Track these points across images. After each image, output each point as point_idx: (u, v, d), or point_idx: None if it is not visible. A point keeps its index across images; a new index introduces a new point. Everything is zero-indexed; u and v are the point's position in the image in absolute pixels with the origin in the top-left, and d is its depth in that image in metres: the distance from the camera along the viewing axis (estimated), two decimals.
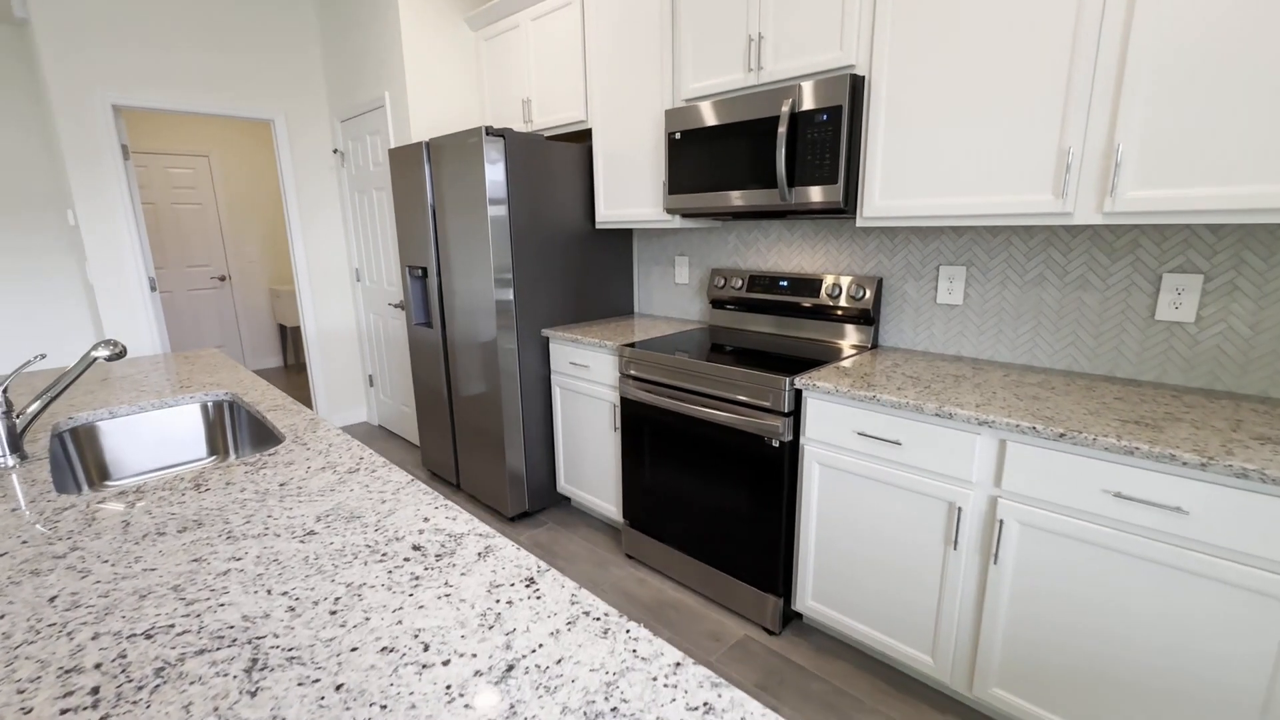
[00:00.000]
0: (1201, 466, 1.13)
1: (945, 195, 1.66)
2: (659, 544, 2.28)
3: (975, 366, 1.84)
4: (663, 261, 2.90)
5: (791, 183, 1.89)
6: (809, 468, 1.79)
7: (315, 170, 3.81)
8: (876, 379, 1.71)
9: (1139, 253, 1.62)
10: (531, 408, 2.68)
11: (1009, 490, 1.40)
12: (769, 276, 2.39)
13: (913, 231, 2.04)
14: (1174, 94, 1.30)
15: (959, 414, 1.44)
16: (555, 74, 2.72)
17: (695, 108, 2.10)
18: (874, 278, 2.11)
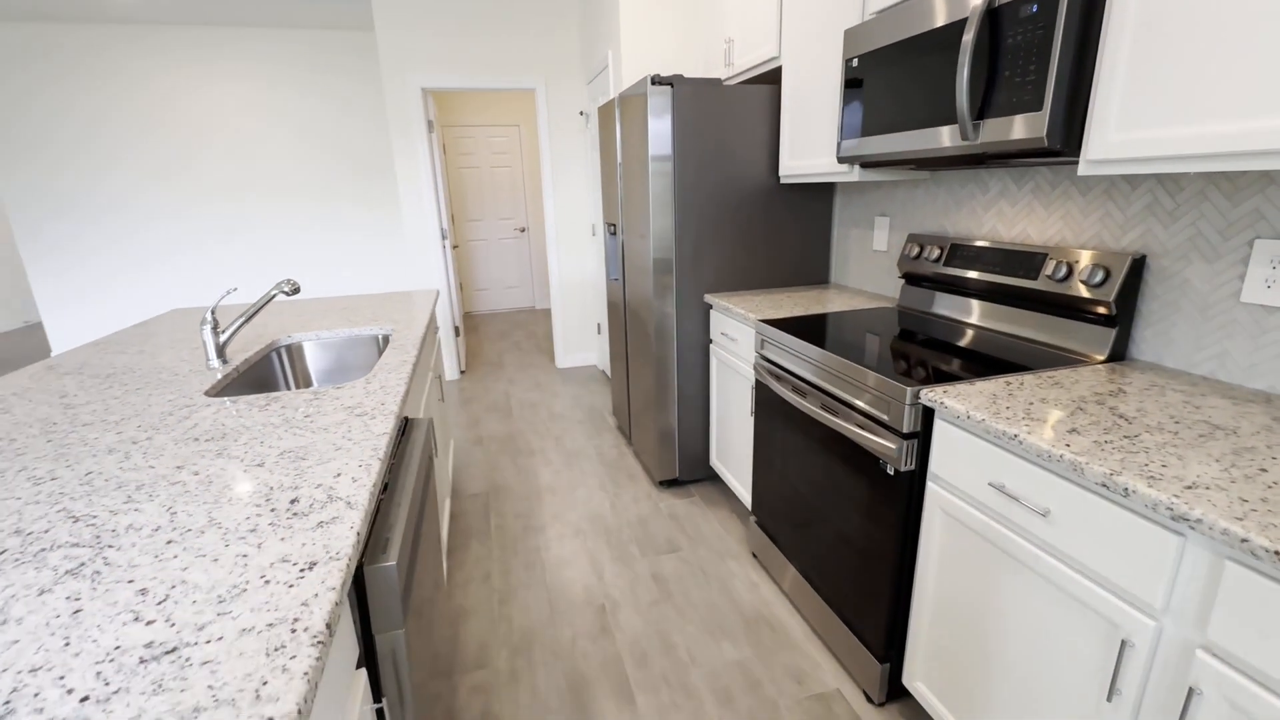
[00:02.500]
0: None
1: (1224, 119, 0.95)
2: (777, 551, 1.98)
3: (1276, 417, 1.07)
4: (862, 224, 2.39)
5: (982, 114, 1.33)
6: (930, 512, 1.31)
7: (567, 131, 4.18)
8: (1048, 410, 1.13)
9: None
10: (689, 375, 2.56)
11: (1217, 643, 0.80)
12: (974, 247, 1.76)
13: (1211, 181, 1.25)
14: None
15: (1142, 493, 0.86)
16: (755, 5, 2.40)
17: (876, 23, 1.62)
18: (1128, 255, 1.37)
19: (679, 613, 1.90)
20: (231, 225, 5.10)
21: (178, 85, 4.74)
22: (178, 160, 4.88)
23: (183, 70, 4.72)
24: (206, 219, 5.05)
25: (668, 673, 1.67)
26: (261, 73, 4.86)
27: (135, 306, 5.09)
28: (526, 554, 2.24)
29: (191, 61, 4.71)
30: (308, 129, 5.06)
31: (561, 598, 1.99)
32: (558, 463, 2.99)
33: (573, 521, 2.45)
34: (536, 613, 1.92)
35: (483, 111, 6.26)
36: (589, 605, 1.95)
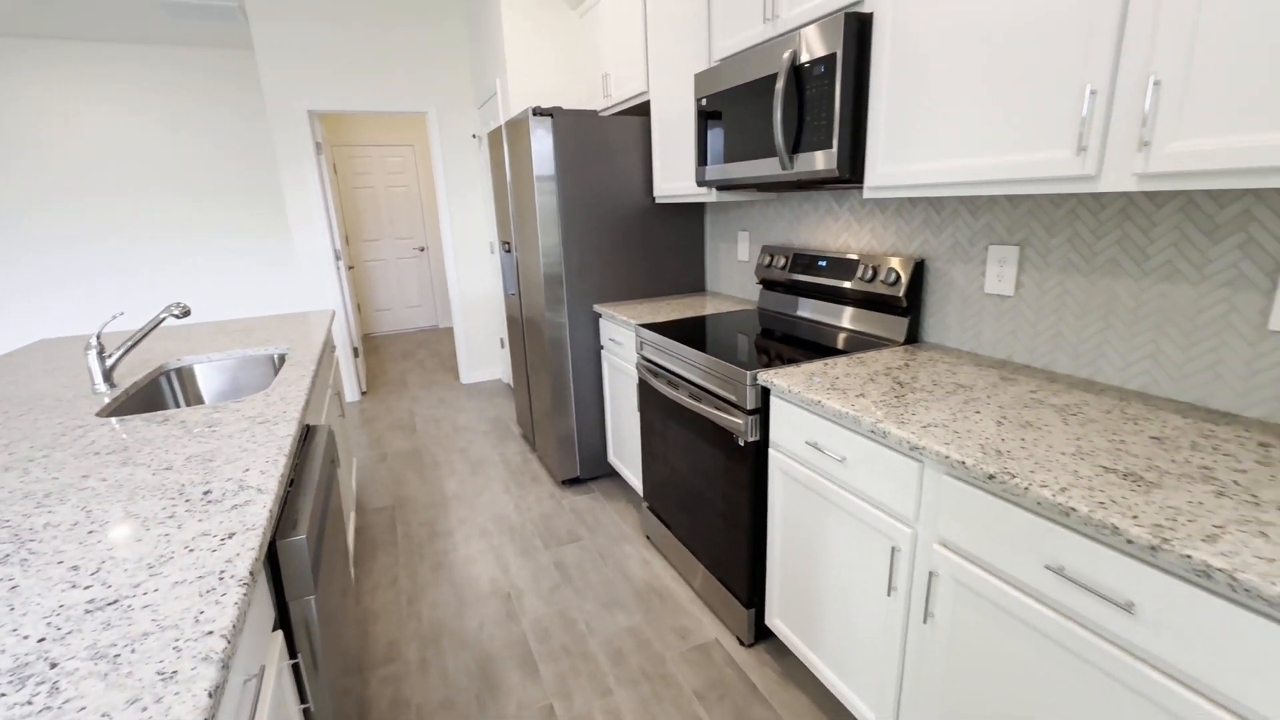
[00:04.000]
0: (1152, 550, 0.78)
1: (954, 156, 1.30)
2: (666, 530, 2.22)
3: (1005, 377, 1.44)
4: (728, 238, 2.72)
5: (796, 149, 1.65)
6: (773, 473, 1.59)
7: (462, 153, 4.30)
8: (850, 382, 1.45)
9: (1252, 229, 1.10)
10: (584, 380, 2.77)
11: (946, 538, 1.10)
12: (810, 256, 2.11)
13: (963, 203, 1.64)
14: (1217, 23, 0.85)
15: (893, 434, 1.16)
16: (626, 46, 2.68)
17: (718, 69, 1.92)
18: (912, 259, 1.74)
19: (578, 593, 2.09)
20: (108, 254, 4.76)
21: (45, 106, 4.39)
22: (49, 187, 4.50)
23: (51, 90, 4.38)
24: (83, 248, 4.68)
25: (568, 644, 1.85)
26: (138, 92, 4.60)
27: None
28: (434, 557, 2.34)
29: (62, 80, 4.39)
30: (189, 152, 4.83)
31: (469, 592, 2.12)
32: (463, 472, 3.09)
33: (479, 524, 2.57)
34: (444, 608, 2.04)
35: (376, 131, 6.21)
36: (495, 595, 2.09)
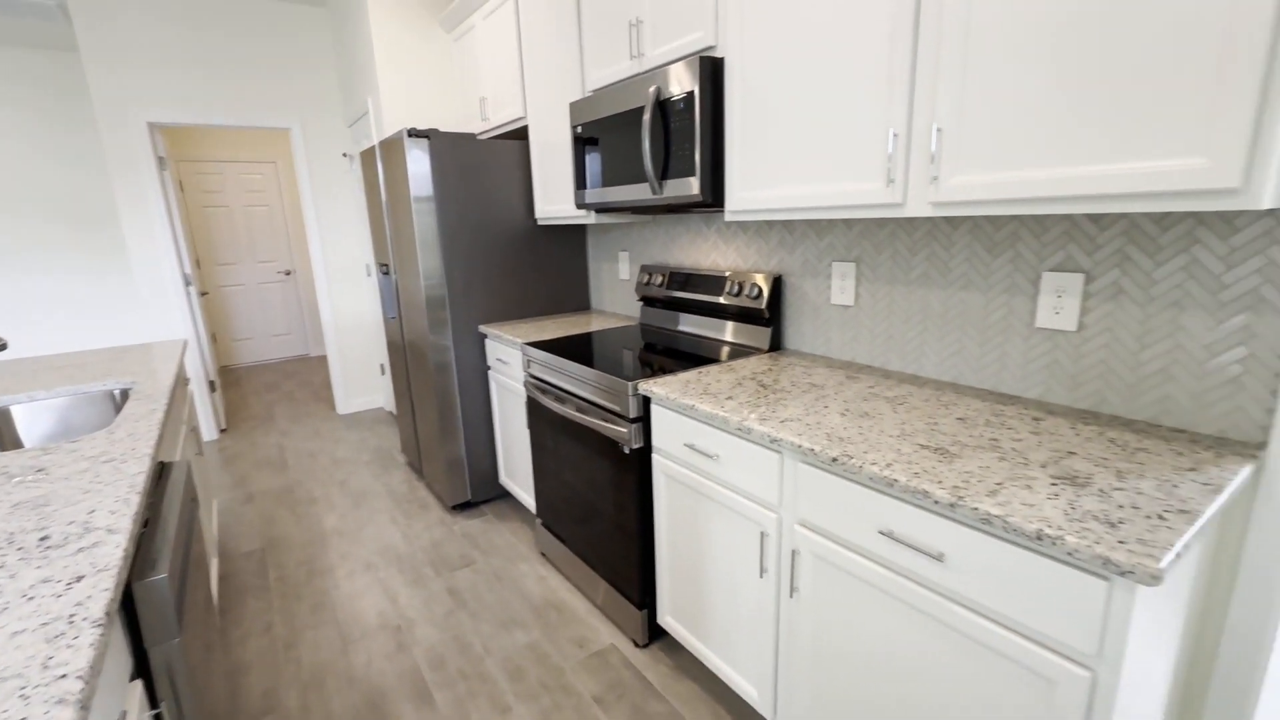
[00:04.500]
0: (951, 507, 0.95)
1: (796, 184, 1.49)
2: (560, 544, 2.26)
3: (850, 375, 1.65)
4: (609, 257, 2.84)
5: (665, 175, 1.79)
6: (657, 477, 1.69)
7: (332, 171, 4.10)
8: (720, 386, 1.58)
9: (1019, 247, 1.37)
10: (472, 402, 2.75)
11: (804, 518, 1.25)
12: (685, 273, 2.27)
13: (810, 225, 1.86)
14: (980, 74, 1.08)
15: (756, 430, 1.30)
16: (502, 72, 2.74)
17: (591, 100, 2.04)
18: (771, 275, 1.94)
19: (473, 616, 2.06)
20: None
21: None
22: None
23: None
24: None
25: (464, 667, 1.82)
26: None
27: None
28: (313, 597, 2.20)
29: None
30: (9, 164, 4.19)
31: (355, 629, 2.02)
32: (344, 506, 2.93)
33: (363, 558, 2.45)
34: (327, 648, 1.93)
35: (232, 147, 5.74)
36: (384, 629, 2.01)
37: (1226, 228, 1.08)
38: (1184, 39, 0.86)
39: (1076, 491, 0.94)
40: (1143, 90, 0.91)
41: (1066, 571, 0.84)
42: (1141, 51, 0.91)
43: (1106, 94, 0.95)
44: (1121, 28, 0.92)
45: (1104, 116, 0.95)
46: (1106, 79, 0.94)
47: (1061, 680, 0.87)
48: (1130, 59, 0.92)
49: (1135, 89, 0.92)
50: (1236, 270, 1.08)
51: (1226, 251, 1.09)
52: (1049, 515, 0.88)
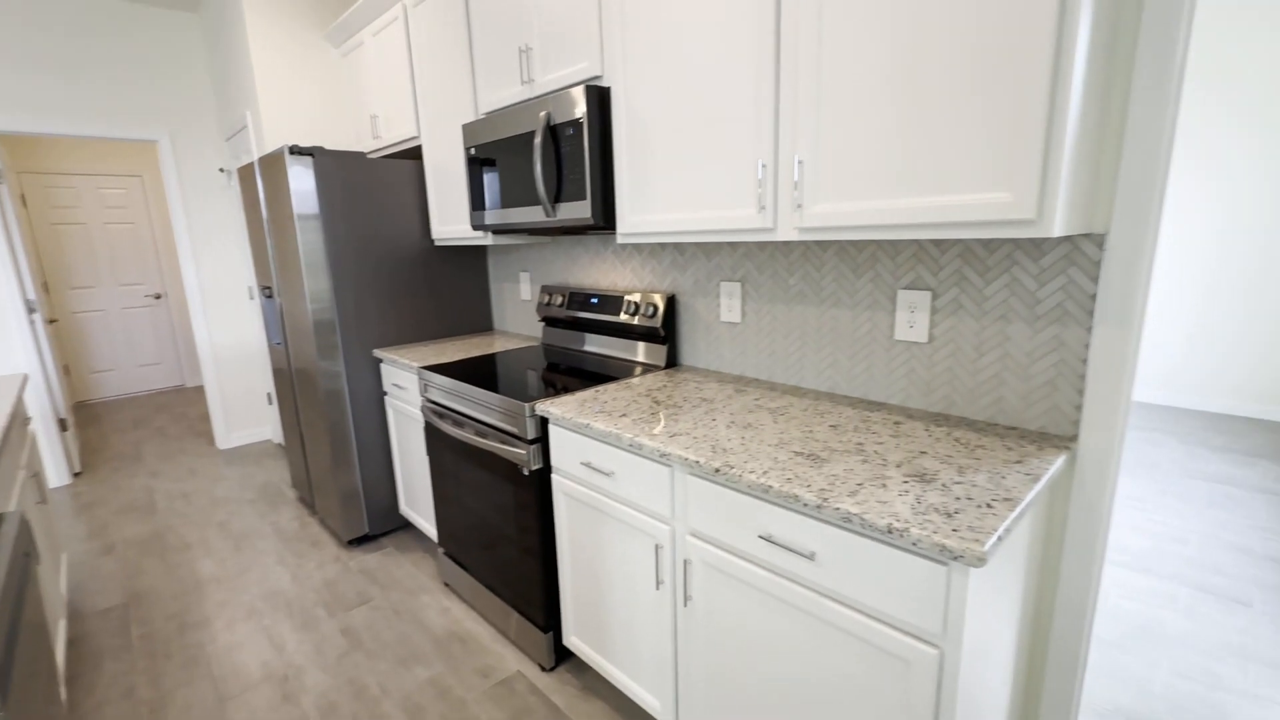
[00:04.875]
0: (818, 508, 1.03)
1: (680, 210, 1.57)
2: (464, 573, 2.19)
3: (739, 389, 1.74)
4: (511, 278, 2.83)
5: (559, 198, 1.82)
6: (558, 497, 1.70)
7: (207, 188, 3.82)
8: (617, 404, 1.62)
9: (878, 268, 1.52)
10: (368, 430, 2.62)
11: (694, 528, 1.30)
12: (585, 294, 2.30)
13: (699, 247, 1.95)
14: (833, 114, 1.21)
15: (647, 445, 1.34)
16: (393, 90, 2.68)
17: (484, 122, 2.04)
18: (666, 294, 2.01)
19: (370, 656, 1.96)
20: None
21: None
22: None
23: None
24: None
25: (358, 712, 1.72)
26: None
27: None
28: (184, 653, 2.00)
29: None
30: None
31: (234, 683, 1.85)
32: (223, 550, 2.69)
33: (246, 604, 2.26)
34: (201, 708, 1.76)
35: (88, 159, 5.19)
36: (268, 680, 1.86)
37: (1036, 251, 1.26)
38: (991, 100, 1.01)
39: (924, 487, 1.05)
40: (962, 136, 1.05)
41: (914, 560, 0.94)
42: (961, 105, 1.04)
43: (935, 138, 1.08)
44: (944, 85, 1.06)
45: (934, 157, 1.09)
46: (935, 125, 1.08)
47: (914, 660, 0.96)
48: (953, 111, 1.05)
49: (957, 135, 1.05)
50: (1046, 288, 1.26)
51: (1038, 271, 1.26)
52: (899, 510, 0.97)
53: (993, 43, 0.99)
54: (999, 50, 0.98)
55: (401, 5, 2.48)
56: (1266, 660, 1.82)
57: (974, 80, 1.02)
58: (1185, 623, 2.01)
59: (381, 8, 2.61)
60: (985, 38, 1.00)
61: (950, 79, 1.04)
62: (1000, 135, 1.00)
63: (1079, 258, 1.21)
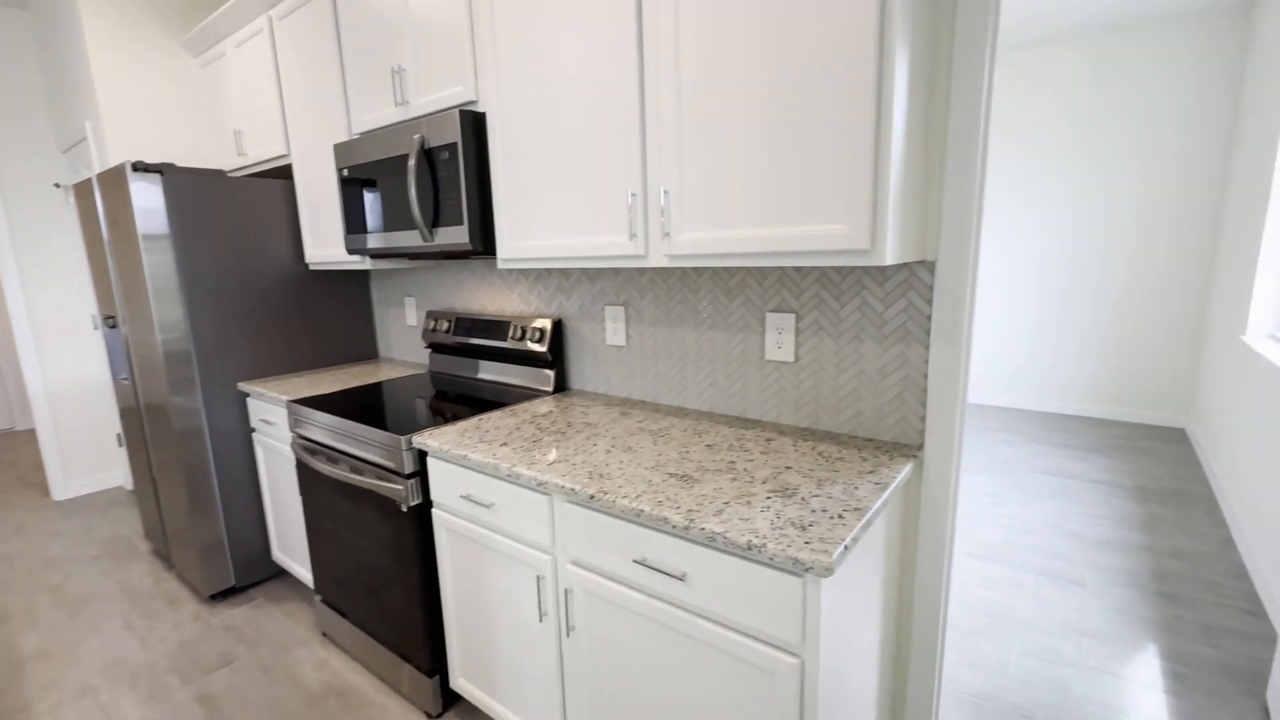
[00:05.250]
0: (685, 529, 1.05)
1: (558, 236, 1.58)
2: (343, 620, 2.04)
3: (624, 412, 1.76)
4: (396, 303, 2.71)
5: (437, 223, 1.77)
6: (439, 534, 1.63)
7: (39, 206, 3.38)
8: (499, 433, 1.59)
9: (748, 292, 1.60)
10: (233, 471, 2.40)
11: (574, 557, 1.29)
12: (471, 319, 2.25)
13: (583, 271, 1.96)
14: (694, 147, 1.27)
15: (524, 474, 1.32)
16: (260, 105, 2.51)
17: (357, 143, 1.95)
18: (552, 319, 2.01)
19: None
20: None
21: None
22: None
23: None
24: None
25: None
26: None
27: None
28: None
29: None
30: None
31: None
32: (54, 619, 2.34)
33: (78, 681, 1.98)
34: None
35: None
36: None
37: (881, 276, 1.37)
38: (829, 144, 1.10)
39: (784, 502, 1.11)
40: (808, 175, 1.13)
41: (773, 574, 0.98)
42: (806, 147, 1.13)
43: (786, 175, 1.16)
44: (791, 129, 1.14)
45: (786, 191, 1.16)
46: (785, 164, 1.15)
47: (778, 670, 1.00)
48: (799, 152, 1.14)
49: (804, 173, 1.13)
50: (891, 309, 1.37)
51: (883, 295, 1.38)
52: (759, 527, 1.01)
53: (826, 95, 1.08)
54: (832, 101, 1.08)
55: (267, 17, 2.34)
56: (1097, 634, 2.06)
57: (815, 127, 1.10)
58: (1032, 606, 2.23)
59: (245, 18, 2.45)
60: (819, 94, 1.09)
61: (796, 125, 1.13)
62: (838, 174, 1.09)
63: (916, 282, 1.33)
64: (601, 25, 1.37)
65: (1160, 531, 2.75)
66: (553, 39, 1.47)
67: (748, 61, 1.16)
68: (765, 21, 1.13)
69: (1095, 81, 4.16)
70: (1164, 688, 1.80)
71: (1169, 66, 3.91)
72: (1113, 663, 1.91)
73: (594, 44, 1.39)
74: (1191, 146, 3.92)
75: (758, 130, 1.17)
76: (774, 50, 1.13)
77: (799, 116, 1.12)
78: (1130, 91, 4.06)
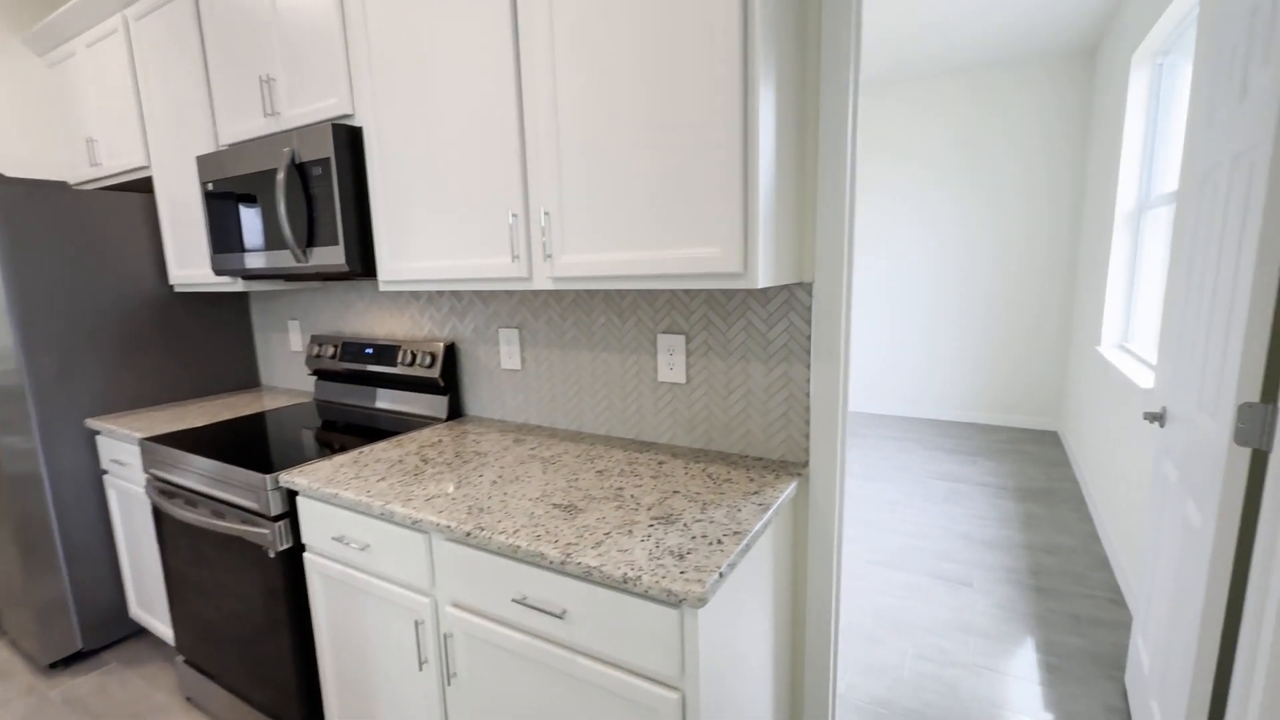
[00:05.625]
0: (562, 564, 1.01)
1: (441, 257, 1.51)
2: (210, 681, 1.83)
3: (519, 439, 1.69)
4: (278, 327, 2.52)
5: (311, 242, 1.65)
6: (312, 581, 1.49)
7: None
8: (378, 467, 1.48)
9: (640, 314, 1.59)
10: (79, 519, 2.12)
11: (454, 598, 1.21)
12: (359, 344, 2.12)
13: (476, 293, 1.89)
14: (574, 168, 1.25)
15: (399, 513, 1.23)
16: (117, 112, 2.28)
17: (224, 155, 1.80)
18: (444, 343, 1.92)
19: None
20: None
21: None
22: None
23: None
24: None
25: None
26: None
27: None
28: None
29: None
30: None
31: None
32: None
33: None
34: None
35: None
36: None
37: (764, 298, 1.40)
38: (704, 174, 1.10)
39: (666, 530, 1.08)
40: (685, 201, 1.13)
41: (649, 606, 0.95)
42: (683, 175, 1.13)
43: (666, 200, 1.15)
44: (669, 157, 1.14)
45: (666, 213, 1.16)
46: (664, 190, 1.15)
47: (659, 706, 0.96)
48: (676, 179, 1.14)
49: (682, 199, 1.13)
50: (774, 330, 1.40)
51: (766, 315, 1.40)
52: (637, 558, 0.98)
53: (699, 124, 1.09)
54: (704, 129, 1.09)
55: (122, 16, 2.14)
56: (982, 631, 2.18)
57: (691, 154, 1.11)
58: (926, 608, 2.33)
59: (97, 16, 2.22)
60: (693, 123, 1.10)
61: (673, 151, 1.13)
62: (712, 199, 1.10)
63: (795, 303, 1.36)
64: (479, 37, 1.33)
65: (1036, 529, 2.97)
66: (428, 50, 1.41)
67: (625, 88, 1.16)
68: (640, 59, 1.13)
69: (975, 111, 4.54)
70: (1038, 679, 1.92)
71: (1034, 100, 4.33)
72: (995, 659, 2.02)
73: (470, 58, 1.35)
74: (1055, 173, 4.35)
75: (636, 154, 1.17)
76: (648, 82, 1.13)
77: (675, 143, 1.12)
78: (1005, 122, 4.46)
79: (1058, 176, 4.33)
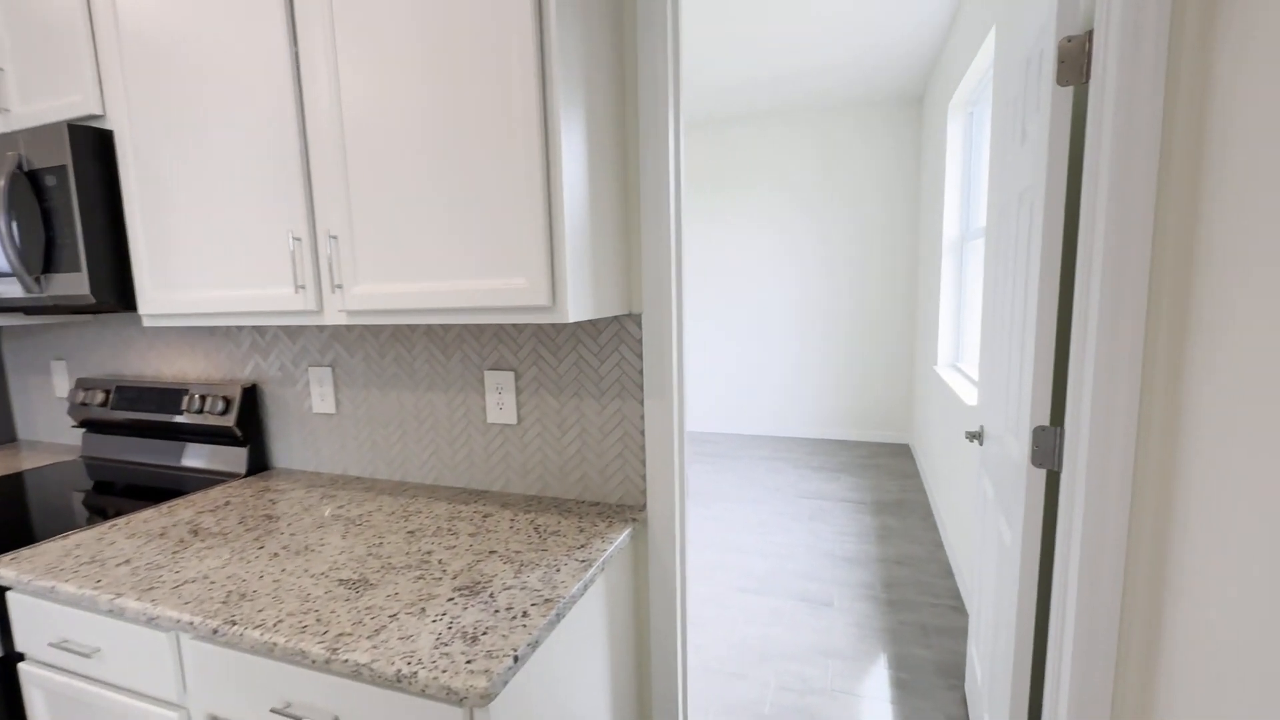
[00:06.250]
0: (327, 663, 0.82)
1: (214, 287, 1.27)
2: None
3: (328, 494, 1.46)
4: (39, 369, 2.07)
5: (50, 268, 1.33)
6: (32, 698, 1.17)
7: None
8: (127, 545, 1.20)
9: (465, 348, 1.43)
10: None
11: (211, 710, 0.97)
12: (136, 388, 1.77)
13: (280, 327, 1.65)
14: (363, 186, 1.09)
15: (131, 608, 0.98)
16: None
17: None
18: (242, 385, 1.65)
19: None
20: None
21: None
22: None
23: None
24: None
25: None
26: None
27: None
28: None
29: None
30: None
31: None
32: None
33: None
34: None
35: None
36: None
37: (594, 330, 1.30)
38: (508, 205, 0.99)
39: (467, 604, 0.93)
40: (491, 226, 1.01)
41: (430, 706, 0.79)
42: (487, 204, 1.00)
43: (465, 226, 1.02)
44: (471, 183, 1.01)
45: (467, 242, 1.03)
46: (465, 215, 1.02)
47: None
48: (479, 206, 1.01)
49: (486, 224, 1.01)
50: (605, 364, 1.30)
51: (597, 349, 1.31)
52: (420, 646, 0.82)
53: (496, 152, 0.98)
54: (502, 157, 0.98)
55: None
56: (840, 653, 2.20)
57: (490, 180, 0.99)
58: (789, 634, 2.33)
59: None
60: (490, 148, 0.98)
61: (472, 177, 1.00)
62: (516, 228, 0.99)
63: (626, 336, 1.28)
64: (249, 23, 1.14)
65: (890, 542, 3.11)
66: (193, 39, 1.19)
67: (415, 109, 1.02)
68: (426, 55, 1.00)
69: (830, 149, 4.85)
70: (889, 697, 1.95)
71: (876, 141, 4.72)
72: (851, 680, 2.04)
73: (242, 51, 1.15)
74: (895, 207, 4.75)
75: (431, 175, 1.03)
76: (439, 103, 1.00)
77: (473, 168, 1.00)
78: (854, 160, 4.81)
79: (898, 210, 4.73)
